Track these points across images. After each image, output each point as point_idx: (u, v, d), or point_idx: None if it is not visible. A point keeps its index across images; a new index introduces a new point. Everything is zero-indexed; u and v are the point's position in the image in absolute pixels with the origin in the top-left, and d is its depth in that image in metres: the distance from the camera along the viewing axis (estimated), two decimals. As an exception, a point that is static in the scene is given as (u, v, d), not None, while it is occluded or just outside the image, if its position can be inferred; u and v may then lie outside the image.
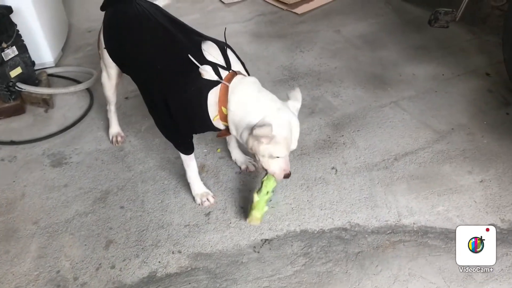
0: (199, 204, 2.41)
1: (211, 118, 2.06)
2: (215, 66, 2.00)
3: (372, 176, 2.55)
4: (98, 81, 2.76)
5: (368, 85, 3.30)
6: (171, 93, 2.06)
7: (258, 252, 2.18)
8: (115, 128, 2.85)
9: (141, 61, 2.21)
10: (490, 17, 4.14)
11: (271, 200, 2.25)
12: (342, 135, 2.84)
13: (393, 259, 2.12)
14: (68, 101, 3.20)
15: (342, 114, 3.02)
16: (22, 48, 3.03)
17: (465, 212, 2.33)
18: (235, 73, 2.04)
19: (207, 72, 1.99)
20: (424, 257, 2.12)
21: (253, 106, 1.97)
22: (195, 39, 2.11)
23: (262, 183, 2.20)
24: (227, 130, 2.11)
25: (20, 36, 3.01)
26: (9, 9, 2.93)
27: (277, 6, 4.41)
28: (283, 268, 2.10)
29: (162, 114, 2.14)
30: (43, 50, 3.44)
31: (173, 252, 2.19)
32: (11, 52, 2.95)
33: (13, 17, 2.98)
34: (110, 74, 2.56)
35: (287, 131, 1.94)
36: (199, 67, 1.98)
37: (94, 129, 2.96)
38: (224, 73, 2.02)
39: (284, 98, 2.07)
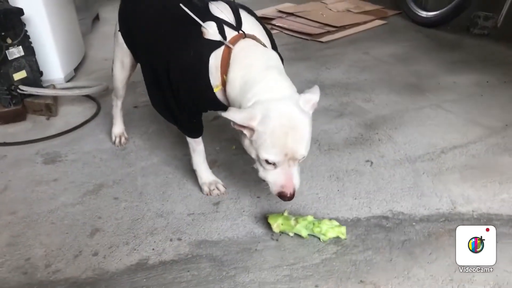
0: (207, 194, 2.01)
1: (213, 88, 1.69)
2: (220, 23, 1.68)
3: (416, 167, 2.12)
4: (108, 93, 2.49)
5: (404, 91, 2.94)
6: (172, 59, 1.74)
7: (277, 240, 1.73)
8: (119, 127, 2.53)
9: (147, 33, 1.95)
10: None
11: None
12: (377, 133, 2.45)
13: (451, 246, 1.64)
14: (72, 110, 2.94)
15: (375, 115, 2.65)
16: (29, 50, 2.83)
17: (538, 199, 1.86)
18: (245, 36, 1.68)
19: (210, 30, 1.67)
20: (492, 244, 1.63)
21: (251, 85, 1.55)
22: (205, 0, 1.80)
23: (315, 222, 1.70)
24: None
25: (28, 37, 2.83)
26: (20, 10, 2.78)
27: (301, 38, 4.23)
28: (308, 256, 1.64)
29: (163, 87, 1.81)
30: (54, 65, 3.23)
31: (171, 240, 1.76)
32: (16, 52, 2.75)
33: (27, 27, 2.84)
34: (124, 63, 2.27)
35: (280, 128, 1.47)
36: (201, 25, 1.68)
37: (97, 132, 2.65)
38: (231, 34, 1.68)
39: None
